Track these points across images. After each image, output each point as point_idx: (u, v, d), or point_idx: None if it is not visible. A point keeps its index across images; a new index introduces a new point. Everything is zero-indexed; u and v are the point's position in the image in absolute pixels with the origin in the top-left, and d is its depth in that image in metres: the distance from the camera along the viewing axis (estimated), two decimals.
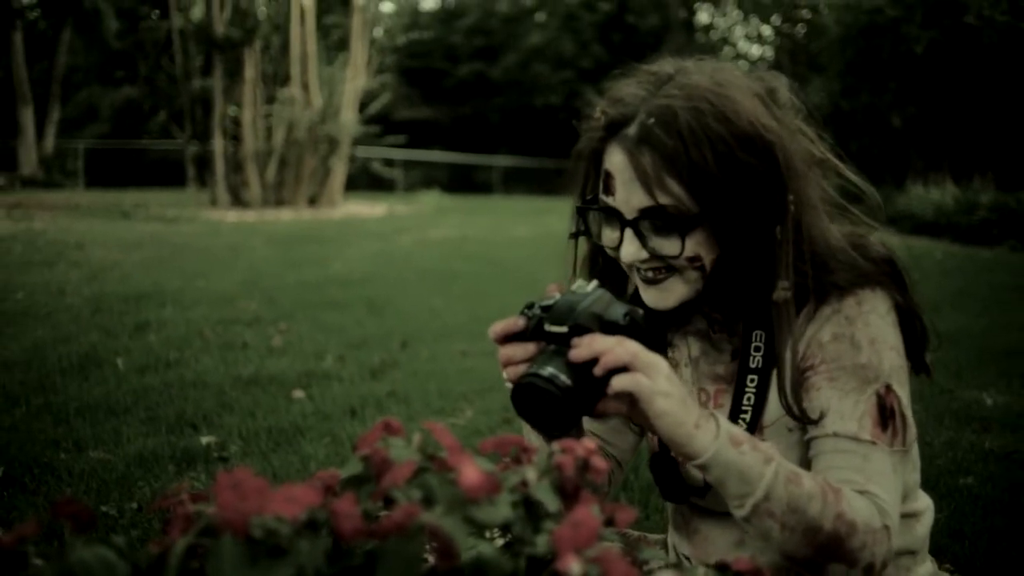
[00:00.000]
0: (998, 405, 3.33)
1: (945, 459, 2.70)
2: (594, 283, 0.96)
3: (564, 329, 0.91)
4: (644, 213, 1.00)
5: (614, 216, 1.02)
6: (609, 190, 1.02)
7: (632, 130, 0.99)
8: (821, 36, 16.20)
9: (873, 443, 0.97)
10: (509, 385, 0.94)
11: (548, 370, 0.88)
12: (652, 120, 0.97)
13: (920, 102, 13.87)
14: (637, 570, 0.51)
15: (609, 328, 0.91)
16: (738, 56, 27.94)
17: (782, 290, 1.00)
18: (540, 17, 31.24)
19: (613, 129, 1.01)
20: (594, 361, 0.88)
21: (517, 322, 0.95)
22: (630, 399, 0.90)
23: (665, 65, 1.04)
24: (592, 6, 29.49)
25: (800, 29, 21.33)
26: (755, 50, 27.48)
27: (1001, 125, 13.21)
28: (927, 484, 1.22)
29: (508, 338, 0.95)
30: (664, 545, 1.27)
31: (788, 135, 1.00)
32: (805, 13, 20.04)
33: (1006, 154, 12.82)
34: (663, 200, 0.98)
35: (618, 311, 0.92)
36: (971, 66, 12.86)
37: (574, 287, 0.96)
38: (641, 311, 0.94)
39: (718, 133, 0.95)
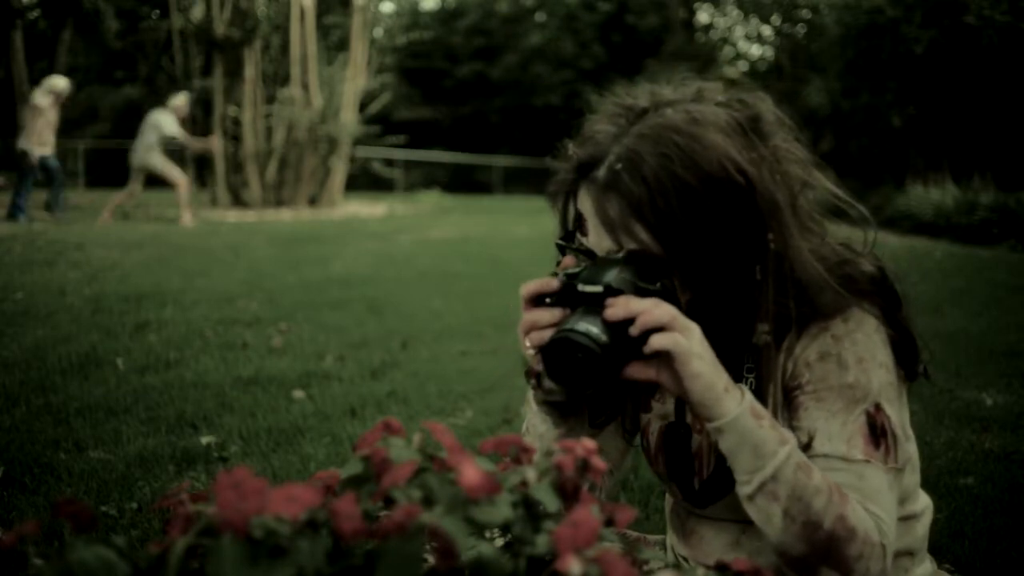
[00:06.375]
0: (998, 405, 3.32)
1: (945, 459, 2.70)
2: (624, 250, 0.96)
3: (599, 288, 0.90)
4: None
5: (589, 257, 1.01)
6: (583, 231, 1.01)
7: (600, 173, 0.97)
8: (821, 36, 16.14)
9: (867, 461, 0.96)
10: (531, 352, 0.92)
11: (583, 326, 0.87)
12: (620, 165, 0.95)
13: (920, 102, 13.86)
14: (637, 570, 0.51)
15: (642, 292, 0.90)
16: (738, 56, 27.93)
17: (763, 334, 0.99)
18: (540, 17, 31.24)
19: (583, 170, 1.00)
20: (628, 322, 0.87)
21: (551, 282, 0.94)
22: (663, 360, 0.90)
23: (640, 97, 1.02)
24: (592, 6, 29.48)
25: (800, 29, 21.30)
26: (755, 50, 27.47)
27: (1001, 125, 13.20)
28: (927, 484, 1.22)
29: (537, 301, 0.94)
30: (664, 545, 1.27)
31: (769, 169, 0.97)
32: (805, 13, 20.00)
33: (1006, 154, 12.80)
34: (630, 246, 0.96)
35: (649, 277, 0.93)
36: (971, 66, 12.85)
37: (603, 253, 0.96)
38: (670, 279, 0.94)
39: (685, 181, 0.93)
